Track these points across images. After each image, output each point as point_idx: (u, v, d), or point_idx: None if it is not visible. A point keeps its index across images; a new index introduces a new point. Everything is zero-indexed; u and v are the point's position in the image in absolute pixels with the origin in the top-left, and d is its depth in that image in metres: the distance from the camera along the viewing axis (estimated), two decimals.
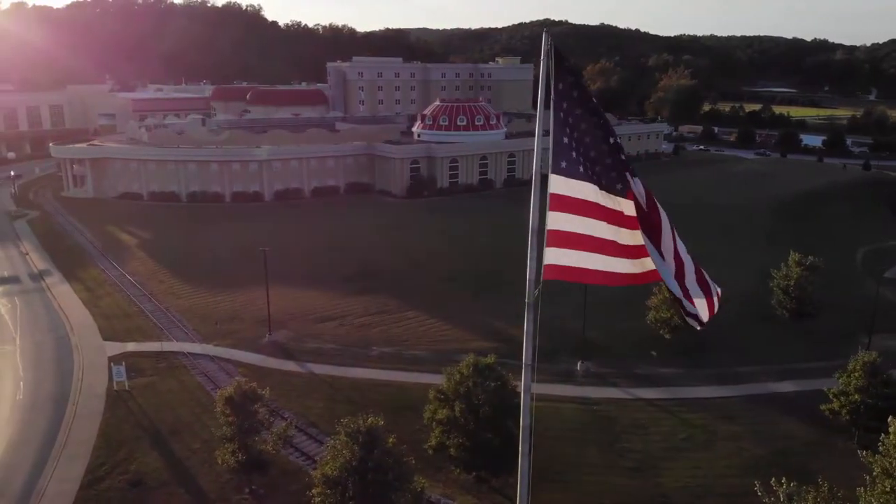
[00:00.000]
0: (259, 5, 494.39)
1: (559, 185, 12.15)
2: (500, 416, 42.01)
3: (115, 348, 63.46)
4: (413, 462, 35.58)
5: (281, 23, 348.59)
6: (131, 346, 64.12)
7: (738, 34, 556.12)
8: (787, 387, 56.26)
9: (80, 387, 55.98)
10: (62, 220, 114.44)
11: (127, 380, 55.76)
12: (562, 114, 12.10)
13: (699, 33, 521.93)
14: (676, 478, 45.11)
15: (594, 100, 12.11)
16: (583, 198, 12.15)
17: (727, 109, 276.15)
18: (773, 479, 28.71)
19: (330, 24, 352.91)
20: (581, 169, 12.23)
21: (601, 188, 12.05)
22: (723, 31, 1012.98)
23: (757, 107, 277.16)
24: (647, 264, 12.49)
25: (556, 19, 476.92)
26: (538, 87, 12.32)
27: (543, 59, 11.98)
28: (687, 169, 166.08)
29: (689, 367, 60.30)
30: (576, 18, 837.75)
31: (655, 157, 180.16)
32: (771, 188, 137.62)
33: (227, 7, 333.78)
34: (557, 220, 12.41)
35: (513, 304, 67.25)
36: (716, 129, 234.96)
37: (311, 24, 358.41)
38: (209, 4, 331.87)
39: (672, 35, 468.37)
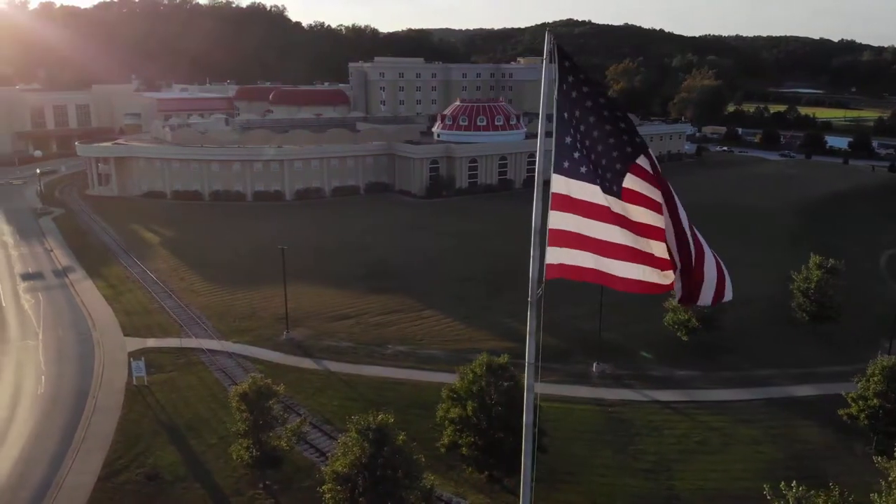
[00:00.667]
0: (283, 6, 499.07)
1: (560, 184, 12.19)
2: (513, 415, 41.98)
3: (136, 344, 64.32)
4: (423, 460, 35.73)
5: (304, 23, 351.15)
6: (151, 343, 64.97)
7: (764, 34, 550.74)
8: (805, 391, 55.59)
9: (101, 382, 56.83)
10: (87, 217, 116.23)
11: (146, 375, 56.49)
12: (565, 114, 12.07)
13: (724, 33, 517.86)
14: (690, 480, 44.77)
15: (603, 96, 11.79)
16: (586, 199, 12.16)
17: (752, 110, 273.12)
18: (783, 482, 28.43)
19: (353, 25, 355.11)
20: (583, 170, 12.19)
21: (604, 192, 11.97)
22: (748, 31, 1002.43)
23: (782, 108, 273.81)
24: (668, 276, 12.12)
25: (580, 19, 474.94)
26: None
27: (546, 58, 12.00)
28: (709, 170, 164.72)
29: (707, 370, 59.81)
30: (599, 19, 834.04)
31: (678, 158, 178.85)
32: (795, 190, 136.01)
33: (251, 8, 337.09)
34: (559, 220, 12.38)
35: (526, 304, 67.72)
36: (740, 131, 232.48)
37: (334, 25, 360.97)
38: (234, 5, 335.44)
39: (697, 35, 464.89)
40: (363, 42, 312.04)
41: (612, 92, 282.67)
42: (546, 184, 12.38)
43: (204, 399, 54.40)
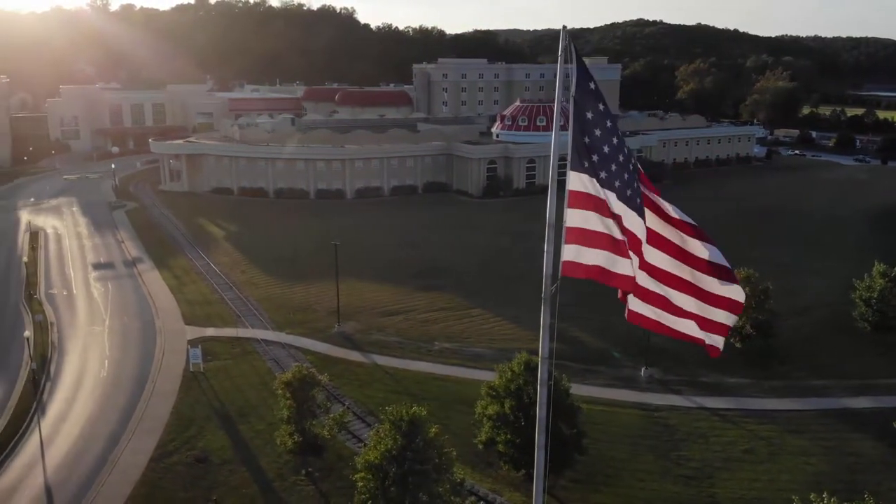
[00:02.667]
0: (352, 8, 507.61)
1: (578, 182, 12.33)
2: (551, 415, 42.07)
3: (195, 333, 66.94)
4: (454, 453, 36.23)
5: (373, 25, 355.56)
6: (210, 332, 67.48)
7: (844, 35, 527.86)
8: (861, 402, 53.56)
9: (160, 367, 59.47)
10: (157, 211, 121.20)
11: (202, 362, 58.83)
12: (588, 114, 12.27)
13: (802, 34, 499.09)
14: (732, 489, 43.88)
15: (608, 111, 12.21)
16: (603, 197, 12.30)
17: (828, 113, 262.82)
18: (812, 494, 27.74)
19: (420, 27, 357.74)
20: (603, 174, 12.37)
21: (619, 199, 12.11)
22: (827, 32, 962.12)
23: (860, 111, 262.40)
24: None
25: (650, 19, 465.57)
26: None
27: (561, 54, 12.14)
28: (778, 174, 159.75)
29: (759, 378, 58.28)
30: (671, 18, 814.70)
31: (746, 161, 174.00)
32: (868, 196, 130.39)
33: (322, 10, 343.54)
34: (575, 218, 12.53)
35: (579, 306, 67.09)
36: (814, 134, 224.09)
37: (401, 27, 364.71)
38: (305, 7, 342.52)
39: (773, 36, 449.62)
40: (429, 43, 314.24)
41: (681, 93, 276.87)
42: (560, 181, 12.58)
43: (255, 387, 56.25)
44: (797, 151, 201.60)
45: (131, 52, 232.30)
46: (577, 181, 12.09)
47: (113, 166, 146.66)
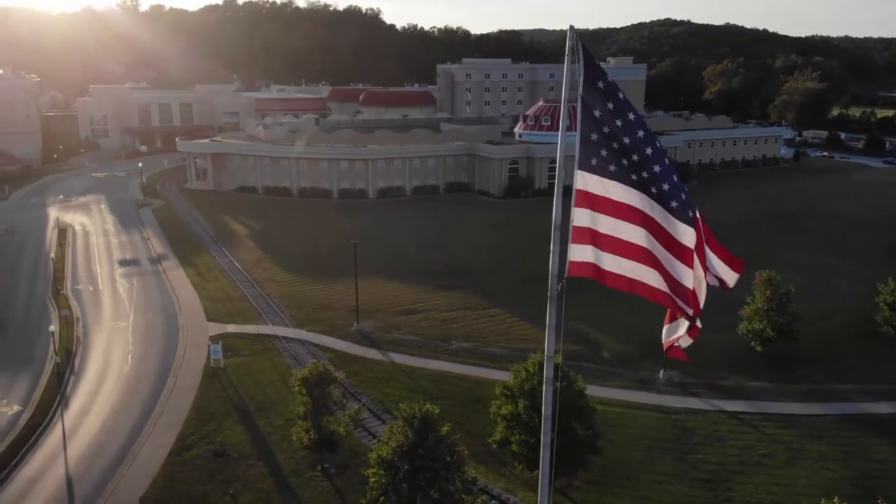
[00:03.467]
0: (378, 9, 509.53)
1: (586, 181, 12.29)
2: (565, 416, 42.00)
3: (217, 329, 67.89)
4: (466, 452, 36.38)
5: (398, 26, 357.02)
6: (231, 328, 68.37)
7: (875, 35, 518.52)
8: (884, 408, 52.76)
9: (182, 362, 60.42)
10: (183, 209, 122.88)
11: (223, 358, 59.66)
12: (596, 112, 12.26)
13: (832, 34, 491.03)
14: (750, 493, 43.48)
15: (632, 110, 11.91)
16: (612, 197, 12.20)
17: (857, 115, 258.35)
18: (823, 499, 27.45)
19: (445, 27, 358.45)
20: (613, 168, 12.30)
21: (640, 189, 11.86)
22: (858, 32, 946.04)
23: (890, 112, 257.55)
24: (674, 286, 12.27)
25: (678, 19, 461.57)
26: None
27: (568, 54, 12.19)
28: (806, 176, 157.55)
29: (780, 382, 57.65)
30: (699, 18, 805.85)
31: (773, 162, 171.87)
32: (894, 198, 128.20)
33: (348, 10, 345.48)
34: (582, 217, 12.49)
35: (597, 307, 66.97)
36: (842, 136, 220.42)
37: (426, 27, 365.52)
38: (331, 8, 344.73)
39: (803, 36, 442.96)
40: (454, 44, 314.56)
41: (708, 94, 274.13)
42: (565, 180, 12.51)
43: (274, 383, 56.88)
44: (825, 153, 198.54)
45: (160, 52, 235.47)
46: (585, 180, 12.03)
47: (140, 165, 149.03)
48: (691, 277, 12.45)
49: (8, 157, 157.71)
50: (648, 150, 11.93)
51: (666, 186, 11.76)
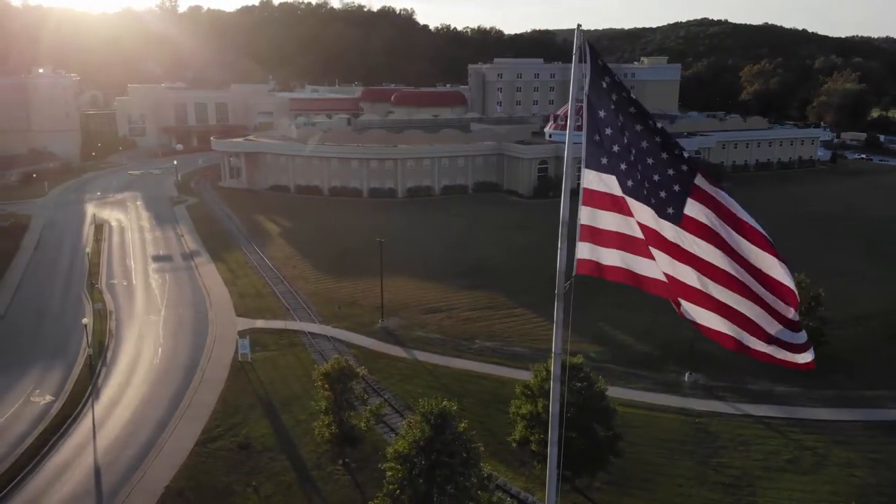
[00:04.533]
0: (412, 9, 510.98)
1: (593, 180, 12.38)
2: (584, 416, 41.93)
3: (245, 324, 68.98)
4: (482, 448, 36.56)
5: (431, 26, 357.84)
6: (259, 323, 69.45)
7: None
8: None
9: (210, 356, 61.54)
10: (216, 207, 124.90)
11: (250, 353, 60.66)
12: (601, 112, 12.34)
13: (873, 34, 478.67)
14: (773, 499, 42.95)
15: (640, 108, 11.76)
16: (619, 194, 12.02)
17: None
18: None
19: (478, 27, 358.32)
20: (623, 167, 12.36)
21: (649, 206, 11.65)
22: None
23: None
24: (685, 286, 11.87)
25: (715, 18, 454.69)
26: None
27: (575, 53, 12.34)
28: (842, 178, 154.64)
29: (809, 387, 56.71)
30: (737, 18, 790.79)
31: (809, 164, 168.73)
32: None
33: (382, 11, 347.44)
34: (590, 216, 12.53)
35: (625, 308, 66.51)
36: (882, 138, 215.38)
37: (460, 28, 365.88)
38: (365, 9, 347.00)
39: (843, 36, 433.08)
40: (487, 44, 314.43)
41: (745, 94, 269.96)
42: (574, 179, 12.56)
43: (299, 378, 57.63)
44: (863, 155, 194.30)
45: (197, 52, 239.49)
46: (592, 179, 12.04)
47: (174, 163, 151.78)
48: (689, 275, 12.33)
49: (48, 154, 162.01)
50: (644, 144, 11.87)
51: (656, 177, 11.72)
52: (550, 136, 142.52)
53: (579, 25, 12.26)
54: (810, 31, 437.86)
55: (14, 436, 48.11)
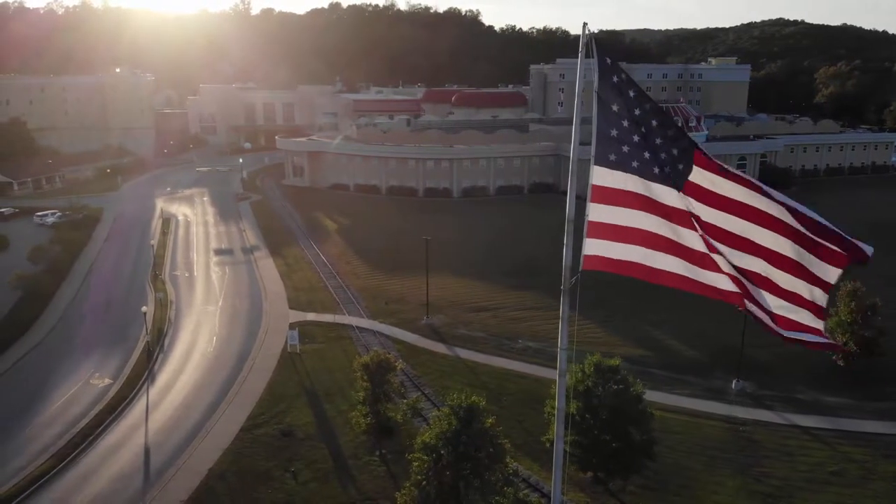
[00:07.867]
0: (477, 10, 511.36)
1: (604, 176, 12.48)
2: (619, 418, 41.83)
3: (297, 317, 71.12)
4: (507, 444, 36.98)
5: (496, 27, 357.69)
6: (310, 316, 71.49)
7: None
8: None
9: (261, 346, 63.79)
10: (278, 204, 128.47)
11: (299, 344, 62.62)
12: (614, 107, 12.70)
13: None
14: None
15: (643, 93, 11.94)
16: (631, 189, 12.15)
17: None
18: None
19: (544, 27, 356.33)
20: (635, 164, 12.70)
21: (663, 183, 11.78)
22: None
23: None
24: (709, 277, 11.74)
25: (791, 18, 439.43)
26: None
27: (581, 49, 12.75)
28: None
29: (861, 399, 54.98)
30: (813, 18, 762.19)
31: (883, 170, 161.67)
32: None
33: (447, 12, 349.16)
34: (599, 212, 12.77)
35: (675, 313, 65.51)
36: None
37: (525, 28, 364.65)
38: (431, 10, 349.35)
39: None
40: (552, 44, 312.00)
41: (820, 97, 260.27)
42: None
43: (344, 370, 58.96)
44: None
45: (268, 53, 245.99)
46: (602, 176, 12.14)
47: (240, 161, 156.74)
48: (716, 261, 11.71)
49: (123, 150, 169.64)
50: (658, 140, 11.79)
51: (662, 155, 11.61)
52: None
53: (585, 24, 12.39)
54: (891, 32, 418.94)
55: (72, 415, 51.09)
